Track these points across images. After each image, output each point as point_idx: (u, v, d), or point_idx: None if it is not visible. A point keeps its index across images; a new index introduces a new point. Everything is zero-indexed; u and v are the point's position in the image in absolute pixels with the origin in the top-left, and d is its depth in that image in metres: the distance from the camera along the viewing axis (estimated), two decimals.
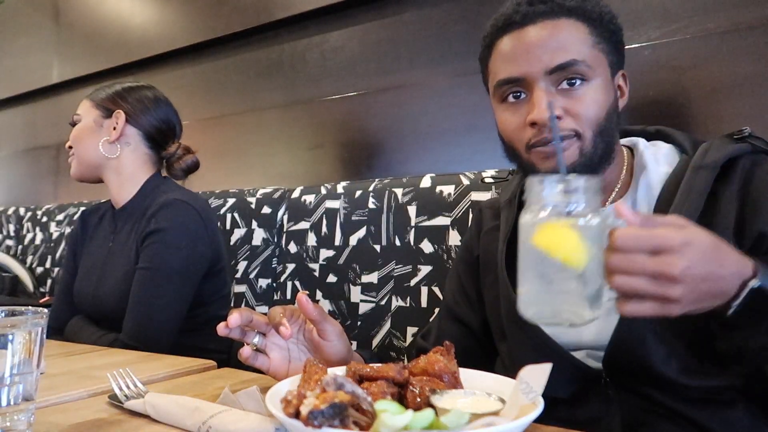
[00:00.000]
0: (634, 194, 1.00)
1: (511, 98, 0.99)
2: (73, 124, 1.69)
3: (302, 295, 0.88)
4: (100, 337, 1.52)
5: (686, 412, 0.88)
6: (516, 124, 0.99)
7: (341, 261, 1.75)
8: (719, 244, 0.72)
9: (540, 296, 0.70)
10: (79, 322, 1.64)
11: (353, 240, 1.73)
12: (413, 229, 1.62)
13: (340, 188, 1.82)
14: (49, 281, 2.64)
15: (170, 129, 1.72)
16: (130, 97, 1.67)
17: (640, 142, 1.06)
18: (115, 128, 1.63)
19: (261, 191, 2.02)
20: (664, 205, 0.95)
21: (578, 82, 0.94)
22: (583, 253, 0.67)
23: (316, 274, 1.80)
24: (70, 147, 1.69)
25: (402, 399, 0.70)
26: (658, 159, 1.02)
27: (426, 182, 1.64)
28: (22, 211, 3.00)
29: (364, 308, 1.68)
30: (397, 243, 1.64)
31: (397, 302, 1.62)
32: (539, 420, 0.64)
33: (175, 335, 1.52)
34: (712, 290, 0.71)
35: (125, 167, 1.67)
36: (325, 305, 1.76)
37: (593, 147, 0.95)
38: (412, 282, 1.60)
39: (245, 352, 0.91)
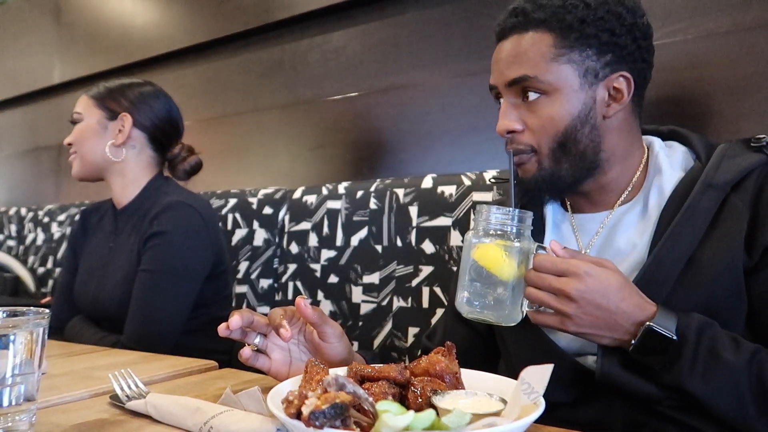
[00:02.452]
0: (646, 196, 1.00)
1: (499, 102, 1.05)
2: (74, 122, 1.67)
3: (301, 300, 0.88)
4: (101, 338, 1.52)
5: (685, 417, 0.88)
6: None
7: (342, 261, 1.75)
8: (626, 287, 0.86)
9: (473, 296, 0.89)
10: (80, 322, 1.64)
11: (354, 240, 1.73)
12: (414, 230, 1.62)
13: (341, 188, 1.82)
14: (50, 282, 2.64)
15: (174, 128, 1.72)
16: (132, 96, 1.65)
17: (656, 142, 1.05)
18: (121, 131, 1.62)
19: (262, 191, 2.02)
20: (669, 213, 0.95)
21: (536, 95, 0.97)
22: (507, 267, 0.87)
23: (318, 274, 1.80)
24: (70, 144, 1.66)
25: (403, 399, 0.70)
26: (672, 163, 1.01)
27: (427, 182, 1.64)
28: (23, 211, 3.00)
29: (365, 309, 1.68)
30: (399, 243, 1.64)
31: (398, 303, 1.62)
32: (540, 421, 0.64)
33: (176, 337, 1.52)
34: (607, 321, 0.84)
35: (129, 169, 1.66)
36: (327, 306, 1.76)
37: (554, 162, 0.99)
38: (414, 282, 1.60)
39: (245, 352, 0.91)
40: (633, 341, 0.85)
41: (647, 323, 0.83)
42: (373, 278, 1.68)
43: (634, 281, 0.91)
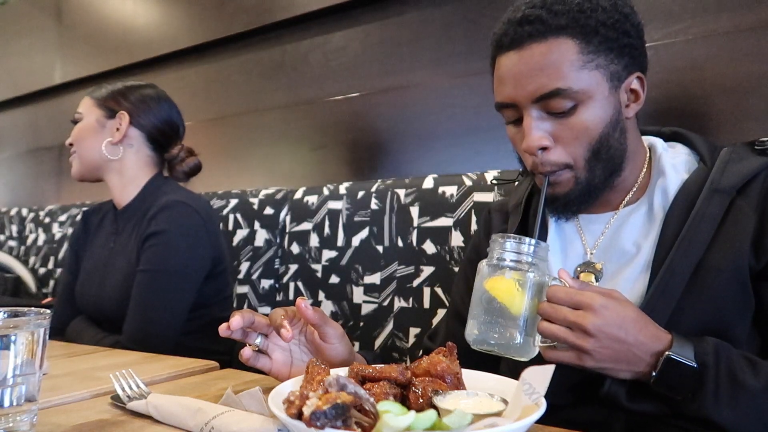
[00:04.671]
0: (650, 197, 1.00)
1: (511, 120, 1.00)
2: (75, 122, 1.68)
3: (301, 301, 0.88)
4: (101, 339, 1.52)
5: (686, 422, 0.87)
6: (519, 145, 0.99)
7: (344, 262, 1.75)
8: (641, 318, 0.84)
9: (482, 327, 0.86)
10: (81, 323, 1.64)
11: (356, 241, 1.73)
12: (416, 230, 1.62)
13: (342, 189, 1.82)
14: (51, 282, 2.65)
15: (173, 131, 1.72)
16: (133, 98, 1.66)
17: (658, 143, 1.05)
18: (118, 129, 1.63)
19: (263, 192, 2.02)
20: (674, 216, 0.95)
21: (568, 107, 0.93)
22: (520, 302, 0.84)
23: (319, 275, 1.80)
24: (71, 144, 1.67)
25: (404, 400, 0.70)
26: (676, 165, 1.01)
27: (428, 183, 1.64)
28: (24, 211, 3.01)
29: (366, 309, 1.68)
30: (400, 244, 1.64)
31: (399, 303, 1.62)
32: (542, 421, 0.64)
33: (176, 337, 1.52)
34: (626, 354, 0.82)
35: (127, 169, 1.66)
36: (328, 306, 1.76)
37: (589, 172, 0.96)
38: (415, 283, 1.60)
39: (246, 353, 0.90)
40: (654, 373, 0.82)
41: (666, 353, 0.81)
42: (374, 279, 1.68)
43: (651, 290, 0.91)
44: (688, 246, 0.91)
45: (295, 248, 1.87)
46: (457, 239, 1.54)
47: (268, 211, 1.97)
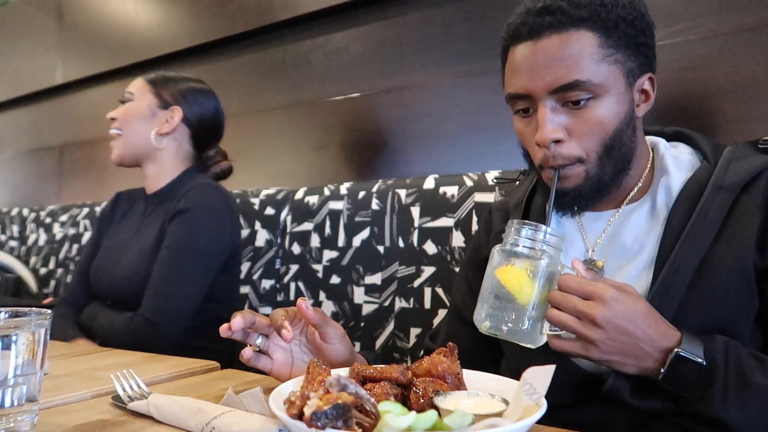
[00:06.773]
0: (653, 195, 1.00)
1: (521, 112, 0.99)
2: (123, 101, 1.72)
3: (302, 302, 0.88)
4: (117, 316, 1.54)
5: (687, 422, 0.87)
6: (529, 138, 0.98)
7: (344, 262, 1.75)
8: (652, 314, 0.83)
9: (491, 312, 0.86)
10: (95, 307, 1.67)
11: (356, 241, 1.73)
12: (416, 230, 1.62)
13: (343, 189, 1.82)
14: (52, 282, 2.65)
15: (216, 133, 1.80)
16: (190, 97, 1.72)
17: (661, 143, 1.05)
18: (168, 121, 1.68)
19: (264, 192, 2.02)
20: (678, 213, 0.95)
21: (584, 101, 0.92)
22: (530, 290, 0.84)
23: (320, 275, 1.80)
24: (113, 120, 1.70)
25: (405, 400, 0.70)
26: (679, 164, 1.00)
27: (429, 183, 1.64)
28: (25, 212, 3.01)
29: (367, 309, 1.68)
30: (401, 244, 1.64)
31: (400, 303, 1.62)
32: (542, 421, 0.64)
33: (190, 317, 1.55)
34: (633, 348, 0.81)
35: (166, 159, 1.72)
36: (329, 306, 1.76)
37: (599, 168, 0.95)
38: (416, 283, 1.60)
39: (247, 353, 0.91)
40: (662, 369, 0.82)
41: (675, 349, 0.81)
42: (375, 279, 1.68)
43: (655, 287, 0.90)
44: (692, 242, 0.90)
45: (296, 248, 1.87)
46: (458, 239, 1.54)
47: (269, 211, 1.97)
